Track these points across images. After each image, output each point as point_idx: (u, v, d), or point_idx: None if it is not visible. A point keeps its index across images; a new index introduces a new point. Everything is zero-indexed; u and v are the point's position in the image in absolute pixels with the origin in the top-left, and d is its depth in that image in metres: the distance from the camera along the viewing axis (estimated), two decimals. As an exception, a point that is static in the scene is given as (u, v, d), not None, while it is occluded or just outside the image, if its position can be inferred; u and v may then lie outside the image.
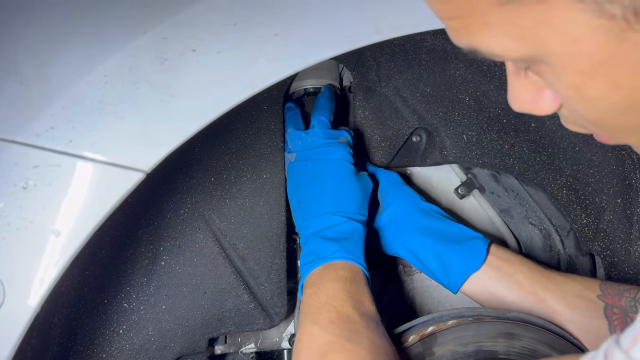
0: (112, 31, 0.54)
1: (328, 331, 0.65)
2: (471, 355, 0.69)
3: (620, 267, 0.89)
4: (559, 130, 0.92)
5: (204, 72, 0.56)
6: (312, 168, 0.82)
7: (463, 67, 0.90)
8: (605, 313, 0.75)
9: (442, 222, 0.84)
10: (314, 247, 0.76)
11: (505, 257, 0.81)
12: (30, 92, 0.52)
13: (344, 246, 0.75)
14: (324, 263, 0.74)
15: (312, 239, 0.77)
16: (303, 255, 0.78)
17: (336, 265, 0.73)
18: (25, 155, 0.52)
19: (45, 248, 0.53)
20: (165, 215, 0.83)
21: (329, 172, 0.81)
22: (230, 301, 0.83)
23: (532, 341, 0.70)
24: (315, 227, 0.78)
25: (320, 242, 0.76)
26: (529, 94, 0.43)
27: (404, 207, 0.86)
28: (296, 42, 0.58)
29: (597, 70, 0.35)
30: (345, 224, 0.78)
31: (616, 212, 0.89)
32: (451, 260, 0.81)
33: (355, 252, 0.75)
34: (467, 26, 0.38)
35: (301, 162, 0.83)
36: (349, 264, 0.74)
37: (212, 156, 0.84)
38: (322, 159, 0.82)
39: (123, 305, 0.80)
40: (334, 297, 0.69)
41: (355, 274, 0.73)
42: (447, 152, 0.93)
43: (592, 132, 0.44)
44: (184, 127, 0.56)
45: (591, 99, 0.37)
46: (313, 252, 0.76)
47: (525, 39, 0.36)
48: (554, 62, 0.37)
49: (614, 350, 0.39)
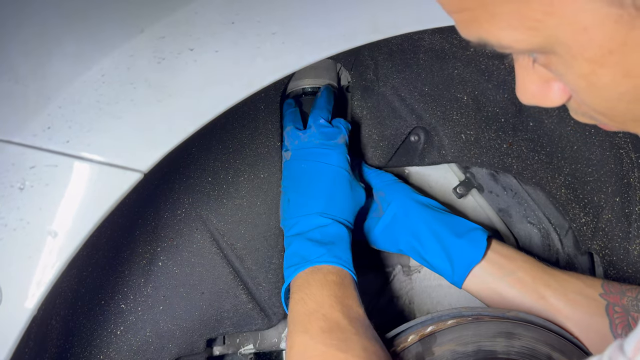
0: (109, 30, 0.54)
1: (319, 340, 0.65)
2: (471, 354, 0.68)
3: (619, 265, 0.89)
4: (558, 129, 0.92)
5: (201, 71, 0.55)
6: (306, 169, 0.82)
7: (461, 66, 0.90)
8: (606, 311, 0.75)
9: (441, 215, 0.85)
10: (300, 248, 0.76)
11: (507, 254, 0.81)
12: (27, 91, 0.52)
13: (331, 250, 0.74)
14: (311, 267, 0.73)
15: (298, 240, 0.77)
16: (287, 256, 0.77)
17: (323, 269, 0.73)
18: (21, 155, 0.52)
19: (43, 249, 0.53)
20: (163, 215, 0.82)
21: (323, 176, 0.81)
22: (229, 301, 0.83)
23: (532, 340, 0.70)
24: (301, 227, 0.78)
25: (306, 244, 0.76)
26: (537, 86, 0.42)
27: (402, 203, 0.86)
28: (294, 40, 0.57)
29: (607, 59, 0.35)
30: (333, 227, 0.77)
31: (615, 210, 0.90)
32: (454, 252, 0.81)
33: (342, 257, 0.75)
34: (475, 18, 0.38)
35: (296, 161, 0.83)
36: (337, 268, 0.73)
37: (210, 156, 0.84)
38: (319, 161, 0.82)
39: (120, 307, 0.80)
40: (322, 303, 0.69)
41: (343, 278, 0.73)
42: (446, 152, 0.93)
43: (600, 122, 0.44)
44: (181, 127, 0.56)
45: (601, 88, 0.37)
46: (298, 254, 0.75)
47: (534, 29, 0.36)
48: (564, 52, 0.37)
49: (618, 357, 0.39)
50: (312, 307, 0.69)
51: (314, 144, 0.83)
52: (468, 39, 0.40)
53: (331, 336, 0.65)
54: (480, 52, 0.89)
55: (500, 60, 0.90)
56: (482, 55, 0.90)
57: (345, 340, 0.65)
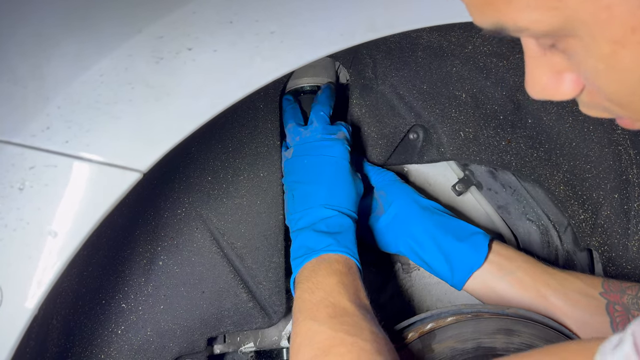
0: (107, 30, 0.54)
1: (328, 326, 0.65)
2: (470, 351, 0.69)
3: (618, 262, 0.90)
4: (556, 126, 0.92)
5: (200, 70, 0.55)
6: (309, 163, 0.82)
7: (460, 64, 0.90)
8: (607, 310, 0.74)
9: (443, 219, 0.84)
10: (306, 240, 0.76)
11: (507, 254, 0.81)
12: (25, 92, 0.52)
13: (338, 239, 0.74)
14: (317, 256, 0.73)
15: (304, 233, 0.77)
16: (294, 249, 0.77)
17: (330, 258, 0.73)
18: (21, 156, 0.52)
19: (43, 249, 0.53)
20: (163, 215, 0.82)
21: (326, 168, 0.81)
22: (229, 300, 0.83)
23: (531, 337, 0.70)
24: (307, 220, 0.78)
25: (312, 235, 0.76)
26: (548, 78, 0.41)
27: (404, 205, 0.86)
28: (292, 39, 0.57)
29: (629, 38, 0.34)
30: (338, 218, 0.77)
31: (613, 207, 0.90)
32: (454, 257, 0.80)
33: (348, 246, 0.75)
34: (491, 1, 0.37)
35: (299, 157, 0.83)
36: (343, 257, 0.73)
37: (209, 155, 0.84)
38: (321, 154, 0.82)
39: (121, 306, 0.80)
40: (330, 291, 0.68)
41: (350, 268, 0.73)
42: (444, 149, 0.93)
43: (615, 115, 0.42)
44: (180, 127, 0.56)
45: (621, 71, 0.36)
46: (305, 245, 0.75)
47: (554, 9, 0.35)
48: (583, 33, 0.36)
49: None
50: (320, 295, 0.68)
51: (316, 138, 0.83)
52: (482, 25, 0.39)
53: (340, 320, 0.65)
54: (479, 50, 0.89)
55: (499, 58, 0.90)
56: (480, 53, 0.90)
57: (354, 325, 0.64)
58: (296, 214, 0.80)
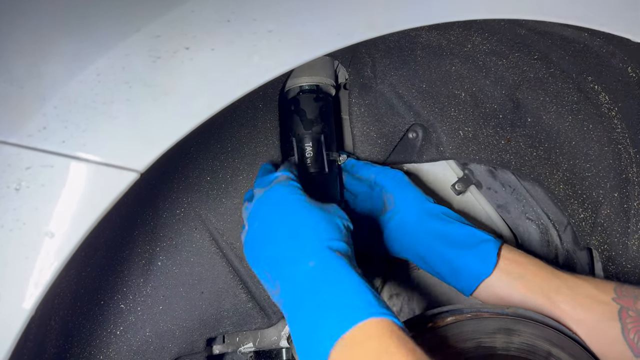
0: (103, 29, 0.54)
1: None
2: (470, 351, 0.68)
3: (617, 261, 0.89)
4: (556, 124, 0.92)
5: (197, 69, 0.55)
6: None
7: (459, 62, 0.90)
8: (619, 316, 0.73)
9: (451, 226, 0.81)
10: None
11: (516, 259, 0.79)
12: (22, 91, 0.52)
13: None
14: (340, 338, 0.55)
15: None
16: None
17: (358, 336, 0.56)
18: (17, 156, 0.51)
19: (40, 250, 0.52)
20: (162, 215, 0.82)
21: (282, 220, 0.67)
22: (228, 301, 0.83)
23: (531, 336, 0.70)
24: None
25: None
26: None
27: (411, 210, 0.83)
28: (291, 38, 0.57)
29: None
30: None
31: (613, 206, 0.89)
32: (461, 266, 0.78)
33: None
34: None
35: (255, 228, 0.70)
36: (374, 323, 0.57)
37: (208, 155, 0.84)
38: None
39: (120, 307, 0.80)
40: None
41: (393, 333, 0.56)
42: (444, 148, 0.93)
43: None
44: (178, 126, 0.55)
45: None
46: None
47: None
48: None
49: None
50: None
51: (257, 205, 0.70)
52: None
53: None
54: (478, 49, 0.89)
55: (498, 57, 0.90)
56: (479, 51, 0.89)
57: None
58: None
